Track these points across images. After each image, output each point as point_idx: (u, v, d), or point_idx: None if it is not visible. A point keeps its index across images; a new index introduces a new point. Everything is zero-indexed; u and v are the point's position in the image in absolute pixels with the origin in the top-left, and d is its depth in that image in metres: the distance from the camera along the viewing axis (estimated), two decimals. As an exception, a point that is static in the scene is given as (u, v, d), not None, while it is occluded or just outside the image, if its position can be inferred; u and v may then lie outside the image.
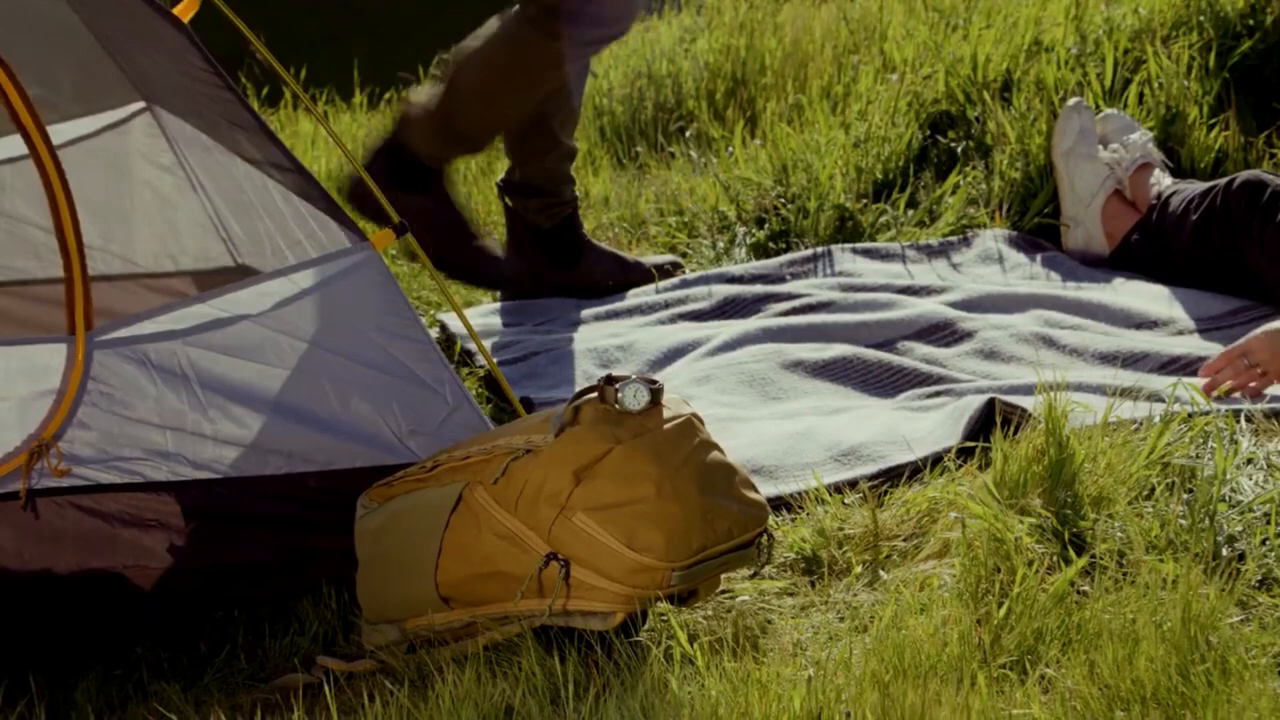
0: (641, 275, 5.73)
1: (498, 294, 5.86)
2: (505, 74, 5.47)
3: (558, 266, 5.68)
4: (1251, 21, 6.36)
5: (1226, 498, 3.83)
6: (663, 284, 5.74)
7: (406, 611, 4.07)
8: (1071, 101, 5.81)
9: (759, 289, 5.55)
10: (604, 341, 5.41)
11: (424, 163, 5.57)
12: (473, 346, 5.24)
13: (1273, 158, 5.89)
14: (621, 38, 5.79)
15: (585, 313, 5.69)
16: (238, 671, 4.15)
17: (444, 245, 5.45)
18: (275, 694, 3.95)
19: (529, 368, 5.35)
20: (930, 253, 5.75)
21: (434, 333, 5.23)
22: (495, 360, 5.28)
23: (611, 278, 5.74)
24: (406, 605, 4.07)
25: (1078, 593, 3.58)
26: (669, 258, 5.90)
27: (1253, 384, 4.59)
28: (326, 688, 3.78)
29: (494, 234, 6.00)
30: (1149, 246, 5.44)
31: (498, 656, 3.73)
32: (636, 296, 5.76)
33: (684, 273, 5.83)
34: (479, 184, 6.85)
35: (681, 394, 4.91)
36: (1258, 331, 4.72)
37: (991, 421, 4.33)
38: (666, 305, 5.62)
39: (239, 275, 4.67)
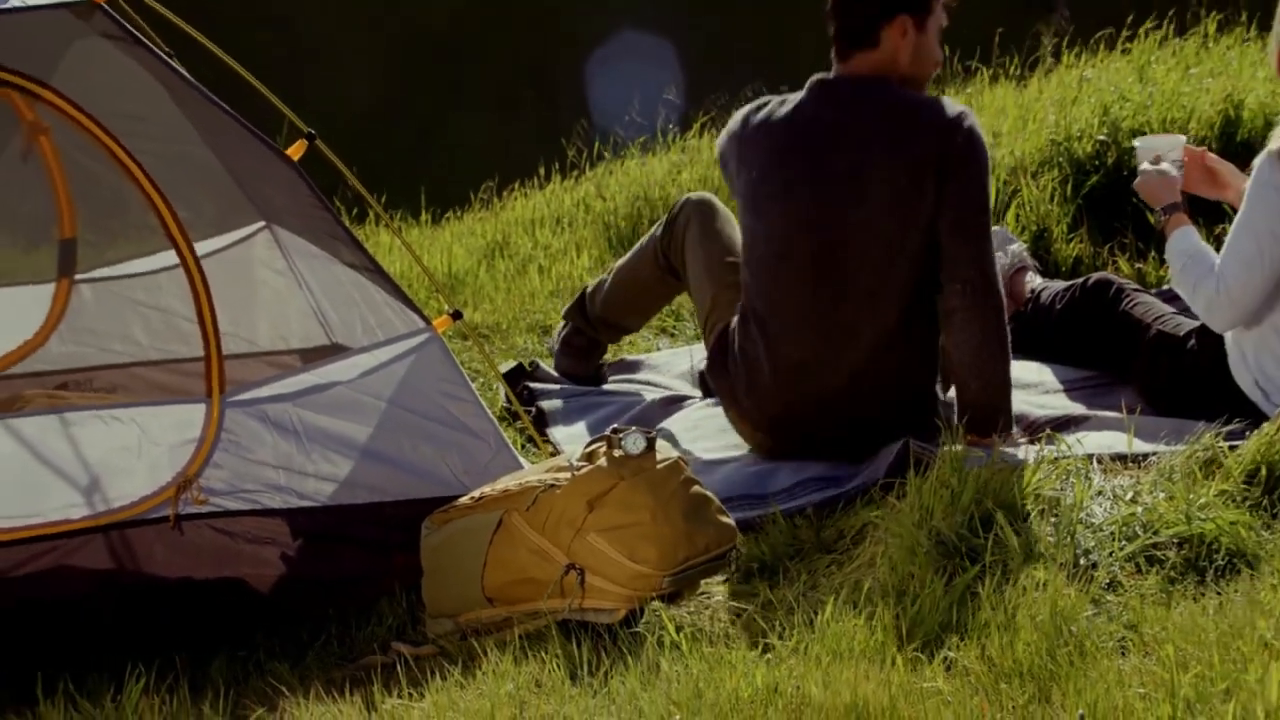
0: None
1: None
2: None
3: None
4: (1098, 161, 6.39)
5: (1083, 520, 3.83)
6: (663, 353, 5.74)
7: (460, 608, 4.08)
8: None
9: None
10: (624, 397, 5.40)
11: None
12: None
13: (1114, 262, 5.91)
14: None
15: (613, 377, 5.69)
16: (331, 654, 4.14)
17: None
18: (360, 671, 3.94)
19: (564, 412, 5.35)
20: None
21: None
22: (546, 404, 5.34)
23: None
24: (460, 604, 4.08)
25: (971, 594, 3.56)
26: None
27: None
28: (399, 667, 3.79)
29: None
30: (1025, 329, 5.41)
31: (529, 643, 3.72)
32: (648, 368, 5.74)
33: None
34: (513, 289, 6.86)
35: (677, 438, 4.94)
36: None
37: (907, 462, 4.32)
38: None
39: (334, 351, 4.67)
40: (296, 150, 4.60)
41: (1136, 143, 5.07)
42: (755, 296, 4.66)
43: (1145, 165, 4.87)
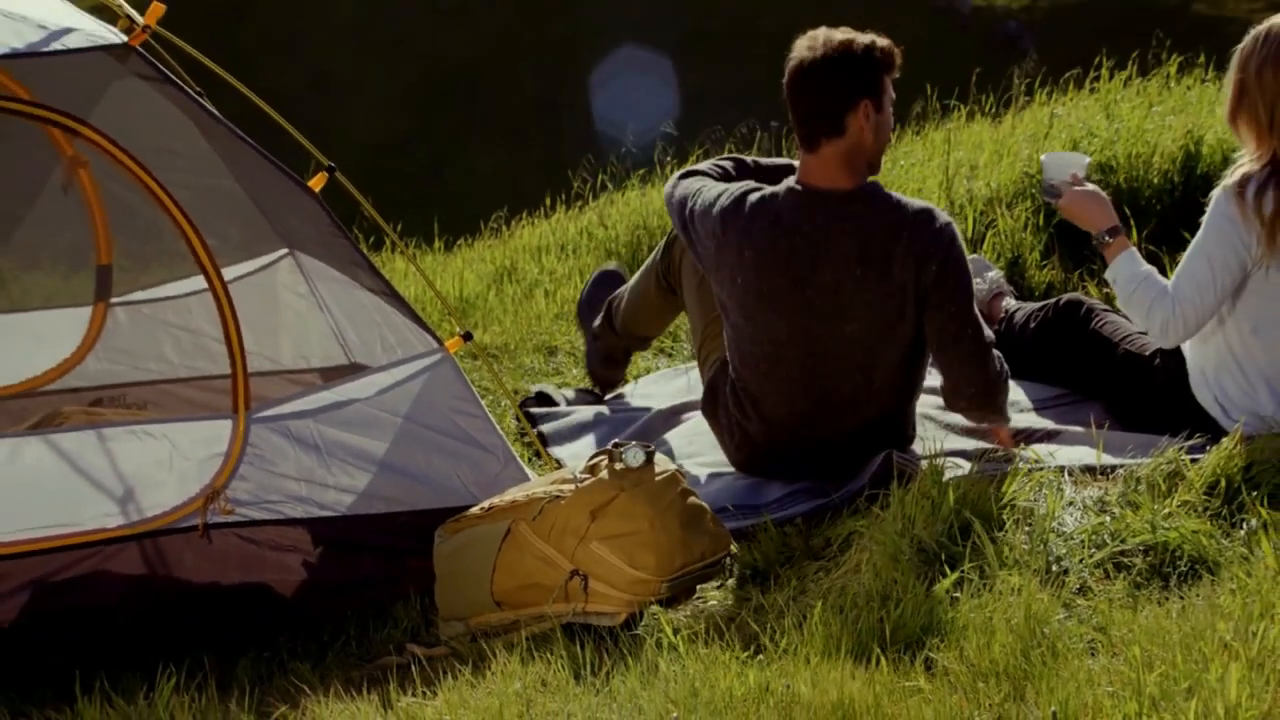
0: None
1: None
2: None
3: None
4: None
5: (1055, 529, 3.83)
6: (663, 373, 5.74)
7: (470, 612, 4.08)
8: None
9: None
10: (624, 414, 5.38)
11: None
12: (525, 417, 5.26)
13: (1084, 286, 5.91)
14: None
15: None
16: (350, 655, 4.15)
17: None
18: (377, 671, 3.94)
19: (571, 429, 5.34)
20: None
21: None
22: (550, 425, 5.33)
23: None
24: (470, 607, 4.08)
25: (951, 598, 3.57)
26: None
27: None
28: (413, 667, 3.79)
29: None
30: (1000, 347, 5.42)
31: (536, 645, 3.71)
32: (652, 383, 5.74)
33: None
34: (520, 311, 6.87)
35: (675, 451, 4.94)
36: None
37: (891, 473, 4.31)
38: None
39: (353, 370, 4.67)
40: (318, 182, 4.62)
41: (1044, 158, 4.95)
42: (746, 380, 4.60)
43: (1063, 183, 4.76)
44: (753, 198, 4.51)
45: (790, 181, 4.51)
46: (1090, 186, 4.76)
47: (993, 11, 37.89)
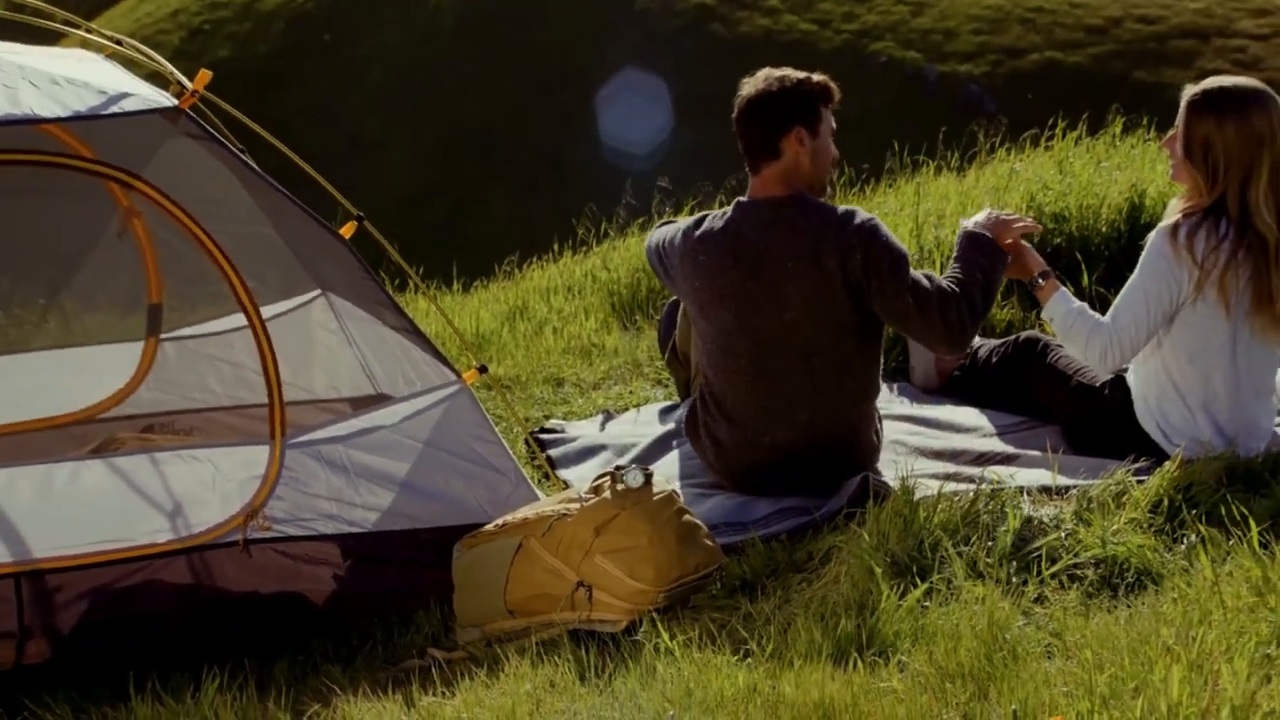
0: None
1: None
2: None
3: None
4: (1026, 240, 6.38)
5: (1015, 544, 3.82)
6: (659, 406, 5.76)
7: (485, 619, 4.07)
8: None
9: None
10: (626, 439, 5.37)
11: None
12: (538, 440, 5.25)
13: (1040, 324, 5.91)
14: None
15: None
16: (377, 658, 4.13)
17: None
18: (401, 673, 3.93)
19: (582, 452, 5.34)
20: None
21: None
22: (558, 450, 5.33)
23: None
24: (485, 615, 4.08)
25: (921, 606, 3.56)
26: None
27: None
28: (434, 669, 3.78)
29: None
30: (965, 381, 5.43)
31: (545, 649, 3.70)
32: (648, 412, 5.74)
33: None
34: (530, 347, 6.88)
35: (671, 474, 4.93)
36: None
37: (867, 493, 4.33)
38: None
39: (379, 400, 4.67)
40: (348, 230, 4.62)
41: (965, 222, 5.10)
42: (711, 382, 4.74)
43: (1007, 241, 4.79)
44: (707, 216, 4.74)
45: (738, 199, 4.72)
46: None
47: (956, 77, 37.96)
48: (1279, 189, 4.36)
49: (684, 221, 4.83)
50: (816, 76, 4.64)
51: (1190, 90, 4.46)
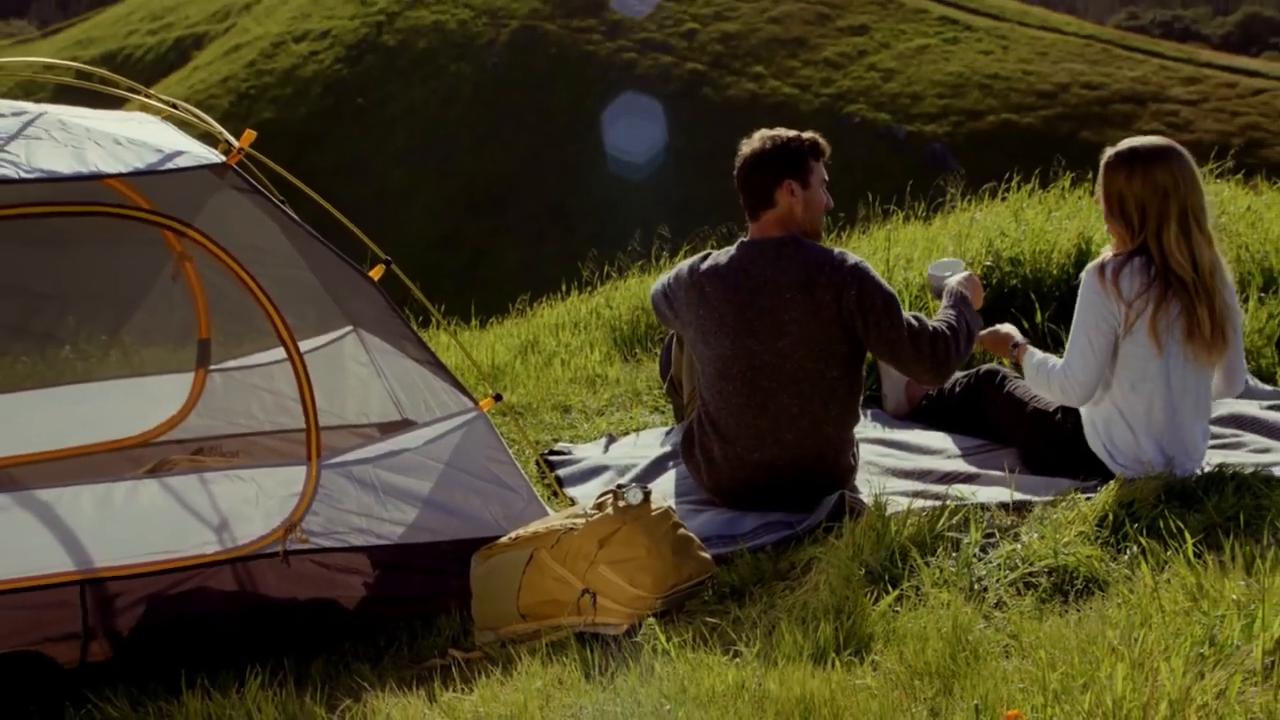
0: None
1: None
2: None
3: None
4: (985, 281, 6.33)
5: (977, 555, 3.82)
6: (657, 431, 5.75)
7: (500, 623, 4.05)
8: None
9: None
10: (627, 460, 5.36)
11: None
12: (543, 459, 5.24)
13: (999, 358, 5.92)
14: None
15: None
16: (402, 657, 4.11)
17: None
18: (424, 671, 3.90)
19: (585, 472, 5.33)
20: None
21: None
22: (565, 470, 5.32)
23: None
24: (500, 619, 4.06)
25: (893, 611, 3.55)
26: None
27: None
28: (454, 668, 3.78)
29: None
30: (932, 408, 5.44)
31: (554, 650, 3.69)
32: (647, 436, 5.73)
33: None
34: (541, 377, 6.88)
35: (667, 491, 4.93)
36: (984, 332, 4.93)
37: (844, 509, 4.33)
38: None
39: (405, 425, 4.65)
40: (376, 272, 4.62)
41: (930, 270, 5.12)
42: (708, 403, 4.74)
43: (981, 332, 4.91)
44: (711, 254, 4.79)
45: (740, 239, 4.78)
46: (985, 330, 4.97)
47: (923, 136, 38.05)
48: (1190, 233, 4.39)
49: (688, 261, 4.86)
50: (807, 135, 4.71)
51: (1106, 152, 4.52)
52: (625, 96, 39.25)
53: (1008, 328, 4.96)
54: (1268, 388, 5.49)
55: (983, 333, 4.93)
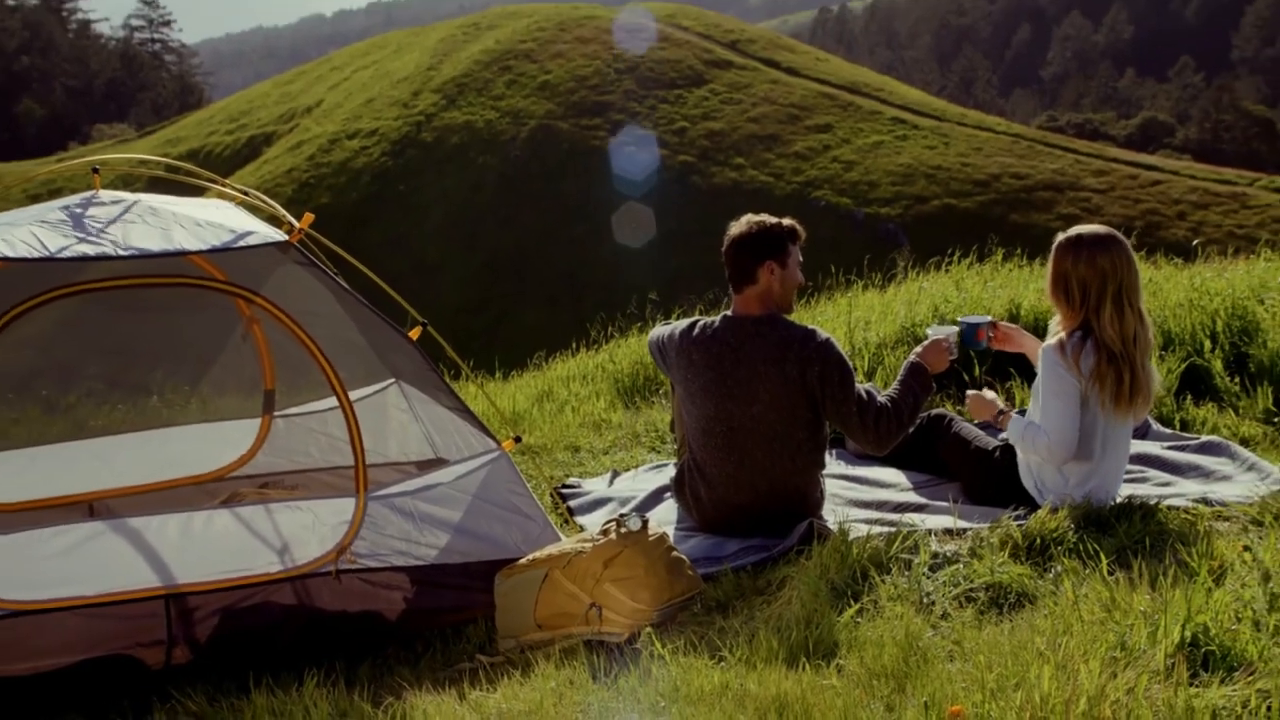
0: None
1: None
2: None
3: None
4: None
5: (926, 574, 3.81)
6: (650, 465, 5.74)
7: (520, 632, 4.04)
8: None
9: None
10: (628, 493, 5.34)
11: None
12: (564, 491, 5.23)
13: (946, 402, 5.93)
14: None
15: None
16: (436, 661, 4.08)
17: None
18: (455, 673, 3.89)
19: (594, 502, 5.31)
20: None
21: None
22: (575, 501, 5.29)
23: None
24: (520, 629, 4.04)
25: (854, 621, 3.54)
26: None
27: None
28: (480, 671, 3.76)
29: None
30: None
31: (565, 655, 3.68)
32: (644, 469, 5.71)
33: None
34: (554, 421, 6.88)
35: (661, 519, 4.92)
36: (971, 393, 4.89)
37: (813, 535, 4.32)
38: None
39: (439, 463, 4.65)
40: (415, 333, 4.63)
41: (929, 331, 5.10)
42: (695, 452, 4.73)
43: (970, 392, 4.92)
44: (700, 321, 4.77)
45: (724, 312, 4.76)
46: (972, 391, 4.94)
47: (878, 217, 38.20)
48: (1123, 311, 4.38)
49: (681, 323, 4.84)
50: (786, 221, 4.68)
51: (1059, 236, 4.51)
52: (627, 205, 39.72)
53: (991, 395, 4.87)
54: (1168, 431, 5.49)
55: (970, 394, 4.91)
